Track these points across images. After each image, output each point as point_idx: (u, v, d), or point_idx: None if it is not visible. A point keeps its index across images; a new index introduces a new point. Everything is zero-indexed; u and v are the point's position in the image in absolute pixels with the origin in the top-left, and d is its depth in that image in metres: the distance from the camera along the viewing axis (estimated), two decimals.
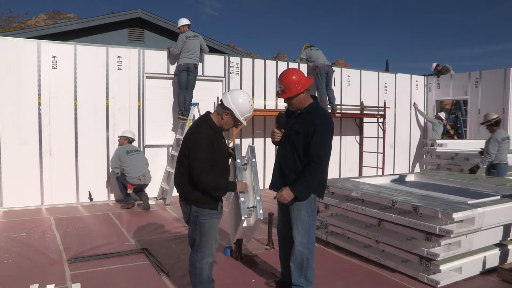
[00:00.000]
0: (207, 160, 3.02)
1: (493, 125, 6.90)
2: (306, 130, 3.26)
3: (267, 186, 5.03)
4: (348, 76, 10.33)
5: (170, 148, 8.20)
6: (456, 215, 3.63)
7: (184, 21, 8.06)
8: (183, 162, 3.13)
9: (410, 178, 6.05)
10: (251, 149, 3.78)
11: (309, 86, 3.40)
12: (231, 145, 3.65)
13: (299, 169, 3.30)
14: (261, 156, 9.11)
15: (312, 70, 9.32)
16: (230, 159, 3.54)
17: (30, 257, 4.55)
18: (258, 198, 3.50)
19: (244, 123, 3.25)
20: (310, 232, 3.40)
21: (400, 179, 5.87)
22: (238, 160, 3.58)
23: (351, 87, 10.36)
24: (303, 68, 9.67)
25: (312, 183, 3.28)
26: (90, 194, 7.55)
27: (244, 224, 3.58)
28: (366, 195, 4.45)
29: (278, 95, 3.46)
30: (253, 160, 3.69)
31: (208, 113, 3.26)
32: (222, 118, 3.18)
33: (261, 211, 3.50)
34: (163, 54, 8.17)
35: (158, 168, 8.09)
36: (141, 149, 7.95)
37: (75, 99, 7.44)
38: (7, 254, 4.65)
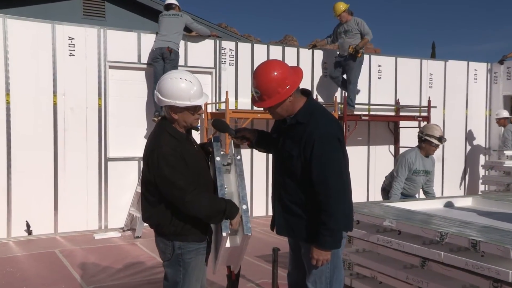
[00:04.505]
0: (184, 179, 3.04)
1: None
2: (301, 151, 3.08)
3: (269, 199, 4.97)
4: (380, 66, 10.36)
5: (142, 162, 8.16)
6: None
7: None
8: (149, 190, 3.15)
9: (466, 202, 6.00)
10: (235, 143, 3.68)
11: (298, 85, 3.11)
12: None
13: (305, 201, 3.17)
14: (263, 168, 9.19)
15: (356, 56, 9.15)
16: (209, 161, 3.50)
17: None
18: (244, 207, 3.43)
19: (198, 103, 3.15)
20: (333, 287, 3.26)
21: (452, 204, 5.82)
22: (218, 159, 3.47)
23: (383, 80, 10.40)
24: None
25: (336, 225, 3.08)
26: (28, 226, 7.48)
27: (227, 244, 3.45)
28: (403, 225, 4.42)
29: (253, 102, 3.21)
30: (238, 157, 3.59)
31: (165, 118, 3.24)
32: (175, 118, 3.16)
33: (249, 225, 3.37)
34: (133, 36, 8.20)
35: (126, 189, 8.08)
36: (103, 162, 7.96)
37: (7, 94, 7.37)
38: None
